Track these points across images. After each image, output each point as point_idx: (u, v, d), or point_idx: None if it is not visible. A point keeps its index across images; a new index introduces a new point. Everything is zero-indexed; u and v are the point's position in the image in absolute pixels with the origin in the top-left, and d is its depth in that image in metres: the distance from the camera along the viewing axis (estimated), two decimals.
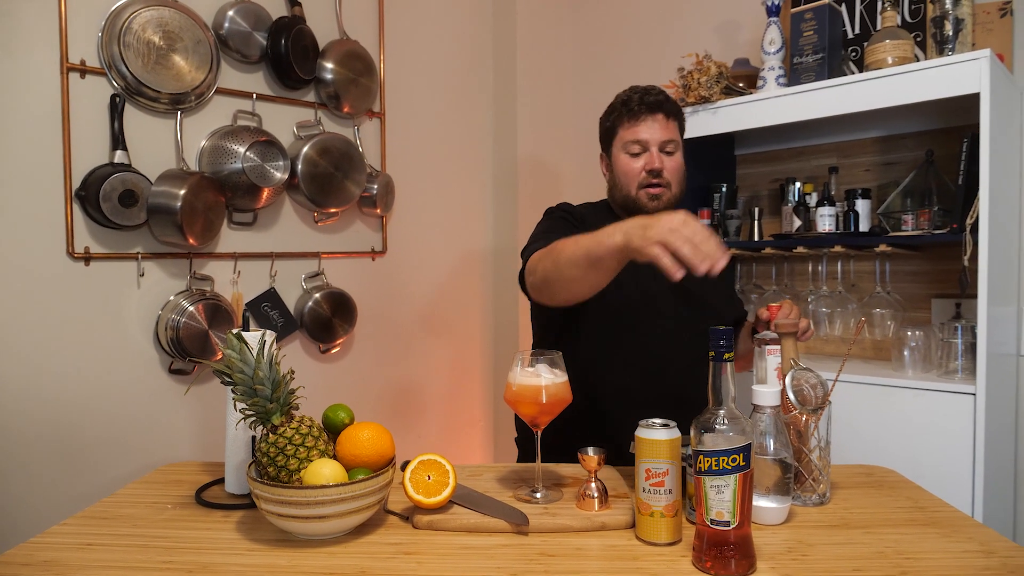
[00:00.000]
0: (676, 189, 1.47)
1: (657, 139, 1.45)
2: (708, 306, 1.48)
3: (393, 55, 2.42)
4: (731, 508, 0.85)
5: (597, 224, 1.31)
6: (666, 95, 1.49)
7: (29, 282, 1.64)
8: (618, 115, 1.50)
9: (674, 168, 1.46)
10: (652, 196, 1.45)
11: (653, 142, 1.45)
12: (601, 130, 1.56)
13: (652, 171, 1.44)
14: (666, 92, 1.50)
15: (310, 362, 2.20)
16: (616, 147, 1.50)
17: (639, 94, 1.48)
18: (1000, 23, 1.77)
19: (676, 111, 1.50)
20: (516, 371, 1.09)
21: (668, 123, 1.47)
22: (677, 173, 1.47)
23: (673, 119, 1.48)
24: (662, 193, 1.45)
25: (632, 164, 1.46)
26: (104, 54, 1.71)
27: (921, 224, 1.81)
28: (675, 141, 1.47)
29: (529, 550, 0.94)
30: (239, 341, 0.98)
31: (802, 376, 1.13)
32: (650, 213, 1.44)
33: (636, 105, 1.46)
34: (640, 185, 1.45)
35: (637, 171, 1.45)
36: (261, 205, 2.00)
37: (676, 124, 1.50)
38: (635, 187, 1.46)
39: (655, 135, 1.45)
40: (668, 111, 1.47)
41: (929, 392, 1.64)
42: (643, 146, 1.46)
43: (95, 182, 1.67)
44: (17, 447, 1.62)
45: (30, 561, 0.90)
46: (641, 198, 1.46)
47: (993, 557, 0.90)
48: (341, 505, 0.92)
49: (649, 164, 1.44)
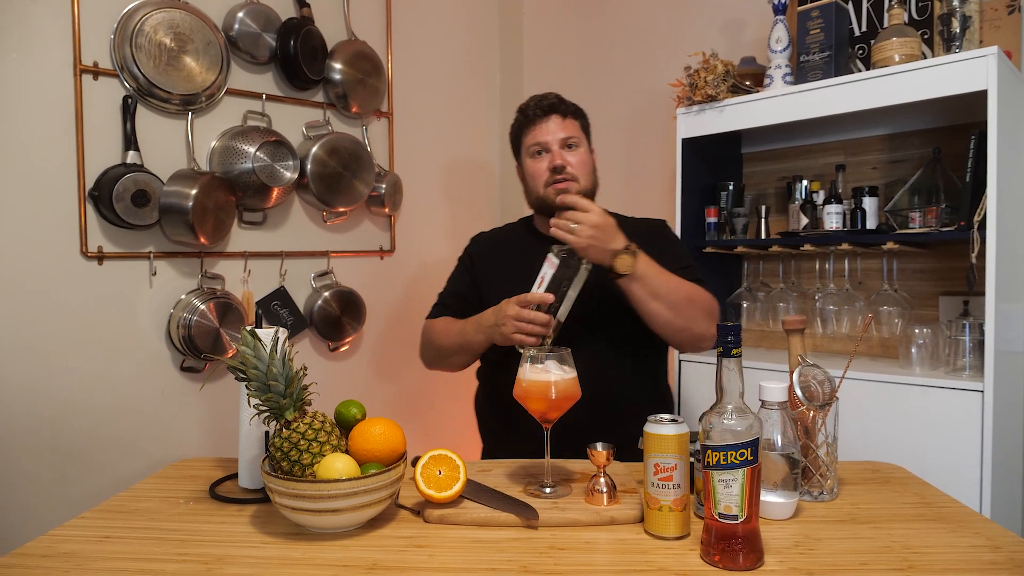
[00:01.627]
0: (585, 182, 1.53)
1: (556, 138, 1.52)
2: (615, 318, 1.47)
3: (401, 55, 2.43)
4: (739, 502, 0.86)
5: (511, 248, 1.59)
6: (560, 98, 1.56)
7: (43, 281, 1.66)
8: (519, 124, 1.58)
9: (578, 162, 1.52)
10: (559, 191, 1.49)
11: (553, 141, 1.52)
12: (510, 139, 1.64)
13: (555, 168, 1.50)
14: (558, 96, 1.57)
15: (320, 360, 2.21)
16: (523, 154, 1.58)
17: (535, 100, 1.56)
18: (1008, 20, 1.77)
19: (573, 111, 1.56)
20: (525, 367, 1.10)
21: (565, 121, 1.54)
22: (582, 167, 1.53)
23: (572, 118, 1.55)
24: (568, 187, 1.49)
25: (537, 165, 1.54)
26: (116, 56, 1.73)
27: (928, 221, 1.81)
28: (576, 137, 1.54)
29: (539, 544, 0.95)
30: (253, 338, 0.99)
31: (809, 372, 1.14)
32: (559, 207, 1.47)
33: (532, 110, 1.55)
34: (547, 183, 1.52)
35: (542, 171, 1.53)
36: (271, 205, 2.01)
37: (577, 123, 1.56)
38: (543, 186, 1.53)
39: (554, 134, 1.52)
40: (563, 111, 1.54)
41: (936, 389, 1.64)
42: (544, 147, 1.53)
43: (108, 182, 1.69)
44: (30, 444, 1.64)
45: (50, 552, 0.92)
46: (550, 195, 1.51)
47: (1000, 552, 0.90)
48: (354, 499, 0.93)
49: (551, 162, 1.51)
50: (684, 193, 2.19)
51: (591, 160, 1.57)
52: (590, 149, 1.59)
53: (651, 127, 2.66)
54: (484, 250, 1.68)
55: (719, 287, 2.31)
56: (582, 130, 1.57)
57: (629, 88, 2.74)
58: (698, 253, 2.22)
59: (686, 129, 2.16)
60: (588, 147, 1.58)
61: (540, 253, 1.47)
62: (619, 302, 1.41)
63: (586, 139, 1.58)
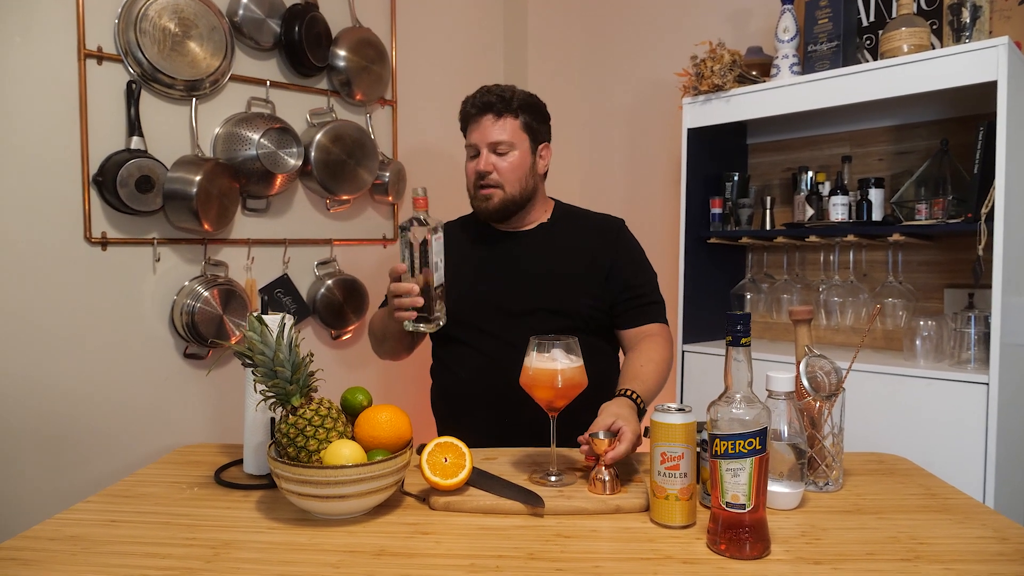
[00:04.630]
0: (511, 188, 1.45)
1: (485, 140, 1.44)
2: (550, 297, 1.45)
3: (405, 43, 2.42)
4: (747, 491, 0.86)
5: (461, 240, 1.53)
6: (499, 93, 1.45)
7: (47, 266, 1.66)
8: (462, 118, 1.51)
9: (506, 168, 1.44)
10: (483, 197, 1.47)
11: (482, 144, 1.45)
12: None
13: (478, 173, 1.45)
14: (503, 90, 1.46)
15: (322, 348, 2.22)
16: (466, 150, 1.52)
17: (476, 95, 1.47)
18: (1018, 10, 1.76)
19: (510, 108, 1.45)
20: (532, 356, 1.10)
21: (499, 122, 1.44)
22: (510, 172, 1.45)
23: (508, 116, 1.45)
24: (491, 194, 1.45)
25: (468, 167, 1.49)
26: (121, 41, 1.72)
27: (935, 213, 1.80)
28: (506, 142, 1.44)
29: (545, 531, 0.95)
30: (260, 324, 0.99)
31: (816, 363, 1.13)
32: (481, 213, 1.49)
33: (470, 107, 1.47)
34: (474, 187, 1.48)
35: (471, 172, 1.48)
36: (274, 192, 2.01)
37: (517, 121, 1.45)
38: (472, 188, 1.49)
39: (483, 136, 1.45)
40: (499, 110, 1.44)
41: (941, 381, 1.64)
42: (475, 149, 1.47)
43: (112, 168, 1.68)
44: (33, 429, 1.64)
45: (57, 536, 0.92)
46: (476, 199, 1.49)
47: (1007, 543, 0.90)
48: (360, 485, 0.93)
49: (476, 167, 1.46)
50: (689, 183, 2.18)
51: (526, 163, 1.47)
52: (535, 147, 1.49)
53: (657, 116, 2.65)
54: None
55: (723, 278, 2.31)
56: (524, 128, 1.46)
57: (634, 77, 2.73)
58: (703, 244, 2.22)
59: (692, 119, 2.15)
60: (530, 147, 1.47)
61: (491, 244, 1.49)
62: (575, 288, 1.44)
63: (528, 138, 1.47)
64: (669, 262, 2.26)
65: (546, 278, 1.47)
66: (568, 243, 1.51)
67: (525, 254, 1.51)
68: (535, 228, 1.54)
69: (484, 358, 1.44)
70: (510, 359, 1.24)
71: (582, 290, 1.45)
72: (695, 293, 2.19)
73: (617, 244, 1.52)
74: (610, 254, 1.50)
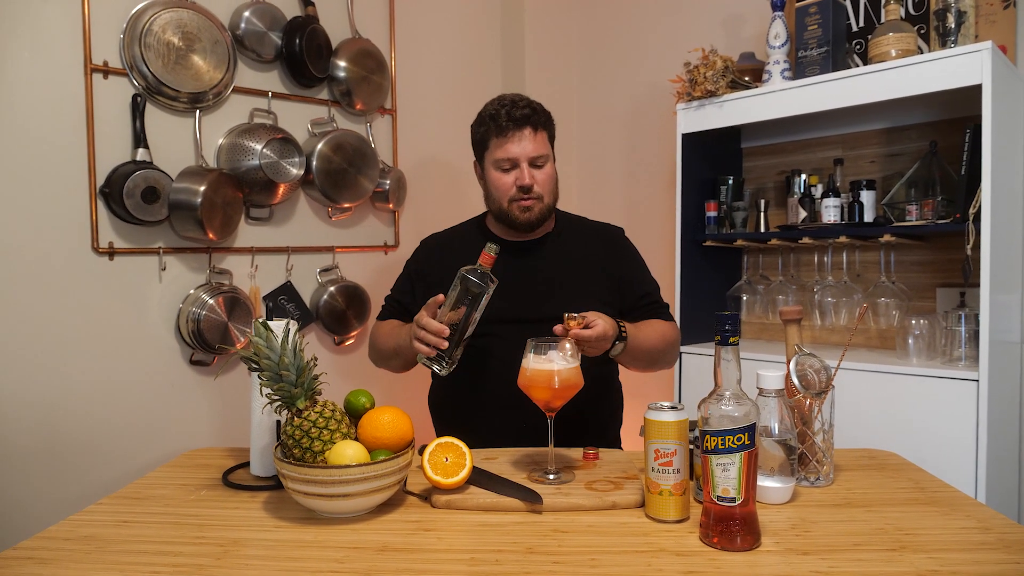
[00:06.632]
0: (548, 199, 1.52)
1: (526, 155, 1.48)
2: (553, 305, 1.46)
3: (404, 53, 2.46)
4: (736, 485, 0.89)
5: (461, 251, 1.51)
6: (533, 107, 1.50)
7: (56, 276, 1.69)
8: (487, 129, 1.51)
9: (544, 180, 1.50)
10: (524, 208, 1.50)
11: (523, 158, 1.48)
12: (473, 139, 1.59)
13: (522, 187, 1.48)
14: (533, 103, 1.51)
15: (326, 354, 2.25)
16: (488, 161, 1.53)
17: (507, 108, 1.49)
18: (1003, 15, 1.79)
19: (544, 121, 1.51)
20: (529, 357, 1.13)
21: (536, 136, 1.49)
22: (548, 184, 1.51)
23: (542, 130, 1.50)
24: (533, 205, 1.50)
25: (503, 179, 1.50)
26: (126, 55, 1.76)
27: (925, 214, 1.83)
28: (544, 155, 1.50)
29: (543, 527, 0.98)
30: (266, 329, 1.02)
31: (806, 361, 1.16)
32: (521, 224, 1.51)
33: (504, 120, 1.48)
34: (511, 199, 1.50)
35: (508, 186, 1.50)
36: (277, 201, 2.04)
37: (545, 134, 1.51)
38: (507, 201, 1.50)
39: (524, 151, 1.47)
40: (536, 123, 1.49)
41: (933, 379, 1.67)
42: (513, 163, 1.49)
43: (119, 179, 1.72)
44: (42, 435, 1.68)
45: (72, 536, 0.95)
46: (513, 211, 1.51)
47: (990, 533, 0.93)
48: (364, 484, 0.97)
49: (520, 180, 1.48)
50: (684, 187, 2.22)
51: (555, 173, 1.55)
52: (553, 158, 1.55)
53: (651, 122, 2.68)
54: (434, 256, 1.64)
55: (719, 280, 2.35)
56: (549, 140, 1.53)
57: (630, 83, 2.77)
58: (698, 247, 2.25)
59: (686, 124, 2.18)
60: (553, 158, 1.54)
61: (505, 254, 1.48)
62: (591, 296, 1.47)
63: (551, 148, 1.54)
64: (666, 265, 2.29)
65: (562, 287, 1.51)
66: (578, 253, 1.56)
67: (540, 263, 1.55)
68: (544, 237, 1.58)
69: (501, 364, 1.44)
70: None
71: (597, 298, 1.49)
72: (691, 295, 2.23)
73: (624, 255, 1.60)
74: (619, 265, 1.56)
